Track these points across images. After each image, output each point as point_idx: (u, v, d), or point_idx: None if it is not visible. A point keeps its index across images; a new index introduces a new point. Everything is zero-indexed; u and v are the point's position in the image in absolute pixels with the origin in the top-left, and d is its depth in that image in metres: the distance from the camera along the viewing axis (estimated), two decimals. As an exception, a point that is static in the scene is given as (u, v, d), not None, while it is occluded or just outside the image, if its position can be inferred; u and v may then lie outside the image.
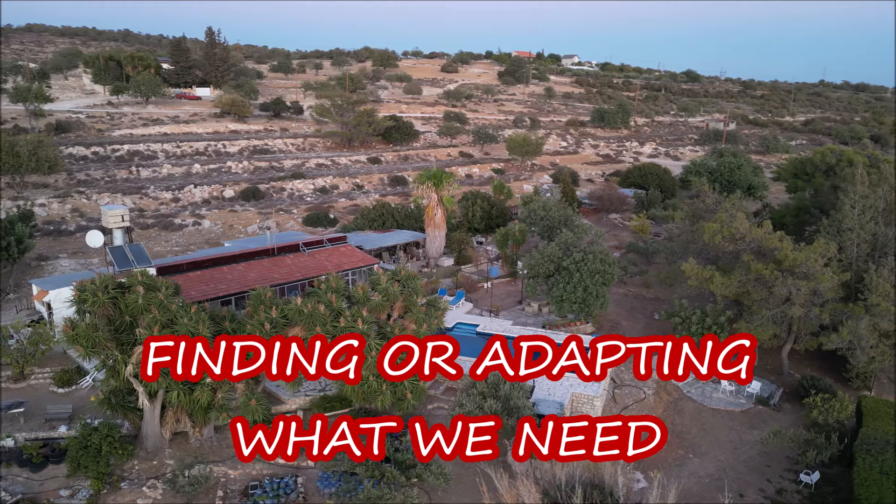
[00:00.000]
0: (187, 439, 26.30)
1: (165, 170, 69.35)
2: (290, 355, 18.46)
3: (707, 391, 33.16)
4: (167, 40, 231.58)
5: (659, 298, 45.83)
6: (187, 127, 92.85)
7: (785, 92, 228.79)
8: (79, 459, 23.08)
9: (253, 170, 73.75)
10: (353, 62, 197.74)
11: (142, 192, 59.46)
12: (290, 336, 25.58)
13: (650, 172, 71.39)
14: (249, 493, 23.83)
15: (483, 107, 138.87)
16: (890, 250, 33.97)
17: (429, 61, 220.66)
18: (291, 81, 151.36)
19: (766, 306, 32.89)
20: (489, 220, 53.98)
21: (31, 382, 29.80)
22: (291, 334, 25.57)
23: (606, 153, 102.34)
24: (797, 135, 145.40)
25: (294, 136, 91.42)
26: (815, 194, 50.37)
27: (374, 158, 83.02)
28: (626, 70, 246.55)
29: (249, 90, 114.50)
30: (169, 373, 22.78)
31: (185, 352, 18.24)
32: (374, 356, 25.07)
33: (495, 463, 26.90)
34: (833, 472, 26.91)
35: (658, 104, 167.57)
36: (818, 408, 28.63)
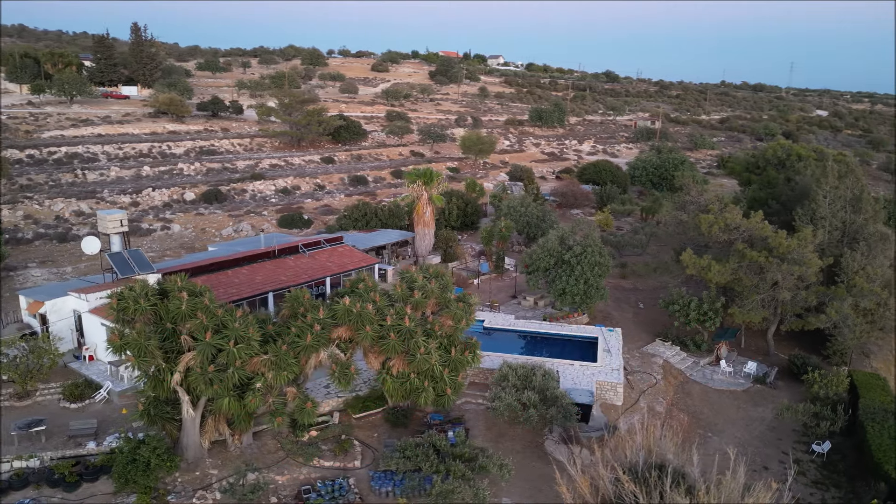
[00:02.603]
0: (226, 448, 25.53)
1: (113, 173, 65.89)
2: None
3: (707, 373, 35.11)
4: (68, 36, 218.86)
5: (638, 288, 47.91)
6: (122, 128, 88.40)
7: (697, 92, 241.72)
8: (126, 474, 22.04)
9: (206, 171, 71.21)
10: (280, 60, 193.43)
11: (97, 197, 56.29)
12: (333, 336, 25.43)
13: (604, 169, 74.10)
14: (304, 497, 23.45)
15: (420, 106, 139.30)
16: (860, 236, 37.01)
17: (357, 60, 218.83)
18: (220, 80, 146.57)
19: (757, 291, 35.20)
20: (465, 217, 54.62)
21: (38, 399, 27.99)
22: (335, 334, 25.40)
23: (551, 151, 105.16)
24: (715, 132, 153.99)
25: (240, 137, 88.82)
26: (770, 186, 53.86)
27: (328, 158, 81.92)
28: (550, 70, 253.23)
29: (183, 89, 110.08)
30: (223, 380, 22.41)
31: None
32: (422, 354, 25.24)
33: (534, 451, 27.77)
34: (835, 441, 29.22)
35: (586, 104, 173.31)
36: (818, 383, 30.96)
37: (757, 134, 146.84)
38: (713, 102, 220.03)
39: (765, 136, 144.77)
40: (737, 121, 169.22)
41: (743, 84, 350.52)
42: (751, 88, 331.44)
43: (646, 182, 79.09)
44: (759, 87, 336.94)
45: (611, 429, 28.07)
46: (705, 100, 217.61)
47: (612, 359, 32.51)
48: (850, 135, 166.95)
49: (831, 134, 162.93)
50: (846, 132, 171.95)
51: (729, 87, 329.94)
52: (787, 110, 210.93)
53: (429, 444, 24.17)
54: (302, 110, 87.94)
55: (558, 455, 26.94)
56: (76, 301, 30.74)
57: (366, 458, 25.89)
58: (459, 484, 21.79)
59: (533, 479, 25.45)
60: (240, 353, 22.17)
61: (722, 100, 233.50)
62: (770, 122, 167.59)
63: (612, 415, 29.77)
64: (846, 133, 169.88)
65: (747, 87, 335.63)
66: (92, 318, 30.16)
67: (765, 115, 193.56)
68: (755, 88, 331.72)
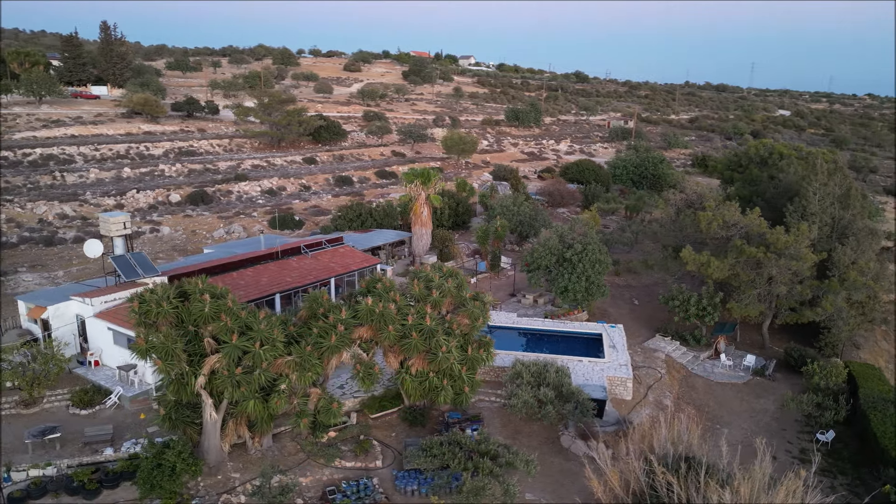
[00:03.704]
0: (245, 451, 25.30)
1: (93, 174, 64.40)
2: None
3: (708, 367, 35.91)
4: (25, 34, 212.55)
5: (630, 285, 48.70)
6: (96, 128, 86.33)
7: (665, 92, 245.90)
8: (152, 479, 21.69)
9: (188, 173, 70.04)
10: (251, 60, 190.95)
11: (79, 199, 54.97)
12: (354, 336, 25.38)
13: (586, 168, 75.02)
14: (329, 497, 23.38)
15: (396, 106, 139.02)
16: (849, 231, 38.24)
17: (328, 60, 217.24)
18: (191, 80, 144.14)
19: (754, 286, 36.13)
20: (456, 217, 54.81)
21: (46, 406, 27.35)
22: (356, 334, 25.36)
23: (530, 151, 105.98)
24: (686, 131, 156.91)
25: (219, 137, 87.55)
26: (753, 184, 55.21)
27: (310, 159, 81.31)
28: (521, 71, 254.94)
29: (157, 89, 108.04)
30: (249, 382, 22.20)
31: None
32: (444, 353, 25.36)
33: (550, 446, 28.09)
34: (837, 430, 30.14)
35: (559, 104, 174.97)
36: (818, 374, 31.92)
37: (726, 133, 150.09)
38: (681, 102, 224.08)
39: (734, 135, 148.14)
40: (706, 120, 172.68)
41: (706, 84, 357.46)
42: (714, 89, 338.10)
43: (626, 181, 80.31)
44: (721, 88, 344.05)
45: (625, 423, 28.56)
46: (674, 100, 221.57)
47: (619, 354, 33.05)
48: (813, 133, 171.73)
49: (795, 133, 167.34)
50: (809, 131, 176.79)
51: (693, 87, 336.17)
52: (752, 110, 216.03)
53: (454, 441, 24.29)
54: (281, 110, 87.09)
55: (575, 450, 27.35)
56: (79, 305, 30.07)
57: (386, 458, 25.88)
58: (489, 481, 21.95)
59: (553, 475, 25.77)
60: (265, 354, 22.03)
61: (689, 100, 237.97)
62: (737, 121, 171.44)
63: (622, 409, 30.27)
64: (809, 132, 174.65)
65: (710, 88, 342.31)
66: (97, 323, 29.56)
67: (731, 115, 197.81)
68: (718, 89, 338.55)
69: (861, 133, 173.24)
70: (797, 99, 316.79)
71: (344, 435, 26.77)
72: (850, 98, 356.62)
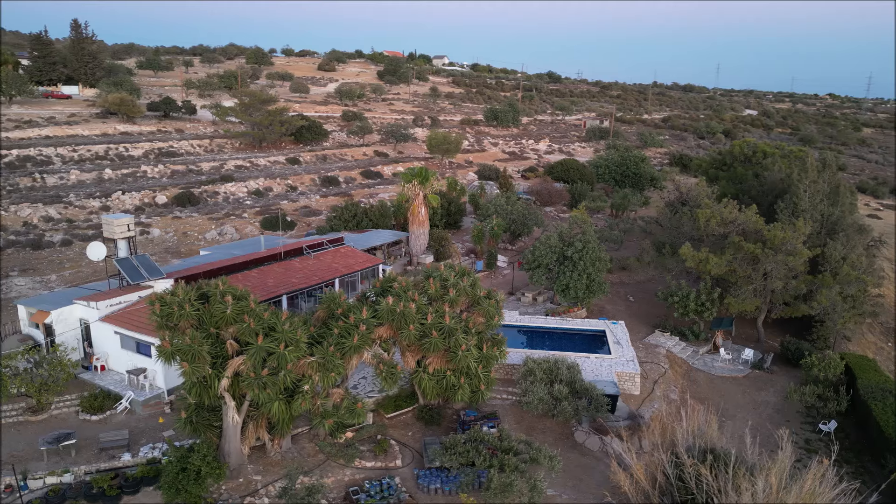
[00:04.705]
0: (265, 453, 25.11)
1: (73, 176, 62.97)
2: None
3: (708, 361, 36.65)
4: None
5: (624, 282, 49.38)
6: (71, 129, 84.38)
7: (637, 92, 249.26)
8: (177, 484, 21.43)
9: (171, 174, 68.90)
10: (223, 59, 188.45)
11: (63, 202, 53.69)
12: (374, 335, 25.36)
13: (571, 167, 75.78)
14: (353, 498, 23.33)
15: (374, 106, 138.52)
16: (839, 227, 39.37)
17: (301, 60, 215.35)
18: (164, 79, 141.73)
19: (750, 281, 36.97)
20: (448, 216, 54.94)
21: (54, 413, 26.77)
22: (376, 334, 25.33)
23: (511, 150, 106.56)
24: (660, 130, 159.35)
25: (199, 138, 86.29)
26: (738, 181, 56.40)
27: (294, 159, 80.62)
28: (495, 71, 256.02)
29: (131, 88, 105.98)
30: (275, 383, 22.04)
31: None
32: (463, 352, 25.48)
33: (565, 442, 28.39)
34: (836, 420, 31.07)
35: (535, 104, 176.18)
36: (817, 366, 32.82)
37: (699, 132, 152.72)
38: (653, 102, 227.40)
39: (706, 134, 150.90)
40: (678, 120, 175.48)
41: (674, 85, 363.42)
42: (682, 89, 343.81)
43: (609, 179, 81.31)
44: (689, 88, 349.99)
45: (636, 417, 29.03)
46: (646, 99, 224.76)
47: (625, 350, 33.56)
48: (781, 133, 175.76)
49: (764, 132, 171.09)
50: (777, 130, 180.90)
51: (662, 87, 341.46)
52: (721, 110, 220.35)
53: (477, 439, 24.44)
54: (263, 110, 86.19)
55: (590, 445, 27.72)
56: (84, 309, 29.47)
57: (405, 457, 25.92)
58: (516, 477, 22.15)
59: (571, 470, 26.06)
60: (290, 355, 21.90)
61: (660, 100, 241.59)
62: (708, 121, 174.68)
63: (631, 404, 30.74)
64: (777, 131, 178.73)
65: (678, 88, 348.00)
66: (102, 327, 29.01)
67: (701, 115, 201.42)
68: (686, 89, 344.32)
69: (827, 132, 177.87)
70: (761, 99, 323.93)
71: (361, 435, 26.73)
72: (812, 98, 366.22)
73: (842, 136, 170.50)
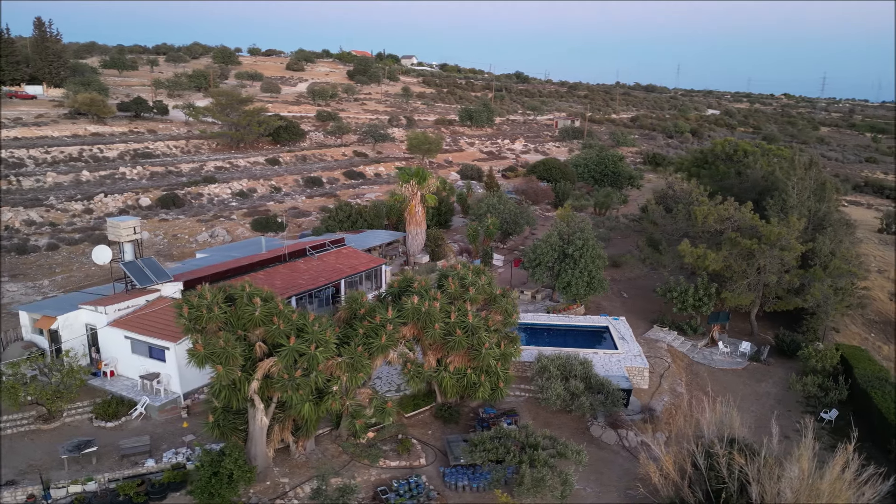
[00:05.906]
0: (289, 455, 24.94)
1: (50, 178, 61.25)
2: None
3: (707, 355, 37.55)
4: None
5: (615, 279, 50.19)
6: (39, 130, 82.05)
7: (603, 92, 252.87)
8: (210, 488, 21.18)
9: (150, 175, 67.51)
10: (188, 58, 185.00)
11: (45, 205, 52.16)
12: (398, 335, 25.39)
13: (553, 167, 76.63)
14: (382, 497, 23.35)
15: (346, 106, 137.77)
16: (826, 223, 40.75)
17: (269, 59, 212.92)
18: (129, 79, 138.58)
19: (745, 276, 38.04)
20: (439, 216, 55.08)
21: (67, 420, 26.13)
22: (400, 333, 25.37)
23: (489, 150, 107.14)
24: (629, 130, 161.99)
25: (174, 139, 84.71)
26: (720, 179, 57.80)
27: (273, 160, 79.76)
28: (464, 71, 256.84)
29: (99, 88, 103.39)
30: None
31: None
32: (486, 349, 25.70)
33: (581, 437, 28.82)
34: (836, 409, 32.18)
35: (506, 104, 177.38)
36: (814, 357, 33.94)
37: (667, 132, 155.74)
38: (619, 102, 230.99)
39: (675, 133, 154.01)
40: (646, 119, 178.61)
41: (636, 85, 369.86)
42: (644, 89, 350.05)
43: (588, 178, 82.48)
44: (651, 88, 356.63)
45: (648, 411, 29.65)
46: (613, 100, 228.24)
47: (630, 345, 34.20)
48: (744, 132, 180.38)
49: (728, 131, 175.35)
50: (740, 129, 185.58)
51: (625, 87, 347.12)
52: (685, 109, 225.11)
53: (504, 435, 24.67)
54: (240, 111, 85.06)
55: (607, 439, 28.21)
56: (91, 314, 28.81)
57: (428, 456, 26.01)
58: (547, 471, 22.46)
59: (591, 463, 26.39)
60: (320, 356, 21.82)
61: (626, 99, 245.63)
62: (674, 120, 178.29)
63: (641, 398, 31.35)
64: (740, 130, 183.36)
65: (640, 88, 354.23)
66: (111, 332, 28.39)
67: (667, 115, 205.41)
68: (648, 89, 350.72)
69: (787, 130, 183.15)
70: (720, 99, 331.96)
71: (382, 435, 26.72)
72: (769, 98, 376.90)
73: (802, 134, 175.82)
